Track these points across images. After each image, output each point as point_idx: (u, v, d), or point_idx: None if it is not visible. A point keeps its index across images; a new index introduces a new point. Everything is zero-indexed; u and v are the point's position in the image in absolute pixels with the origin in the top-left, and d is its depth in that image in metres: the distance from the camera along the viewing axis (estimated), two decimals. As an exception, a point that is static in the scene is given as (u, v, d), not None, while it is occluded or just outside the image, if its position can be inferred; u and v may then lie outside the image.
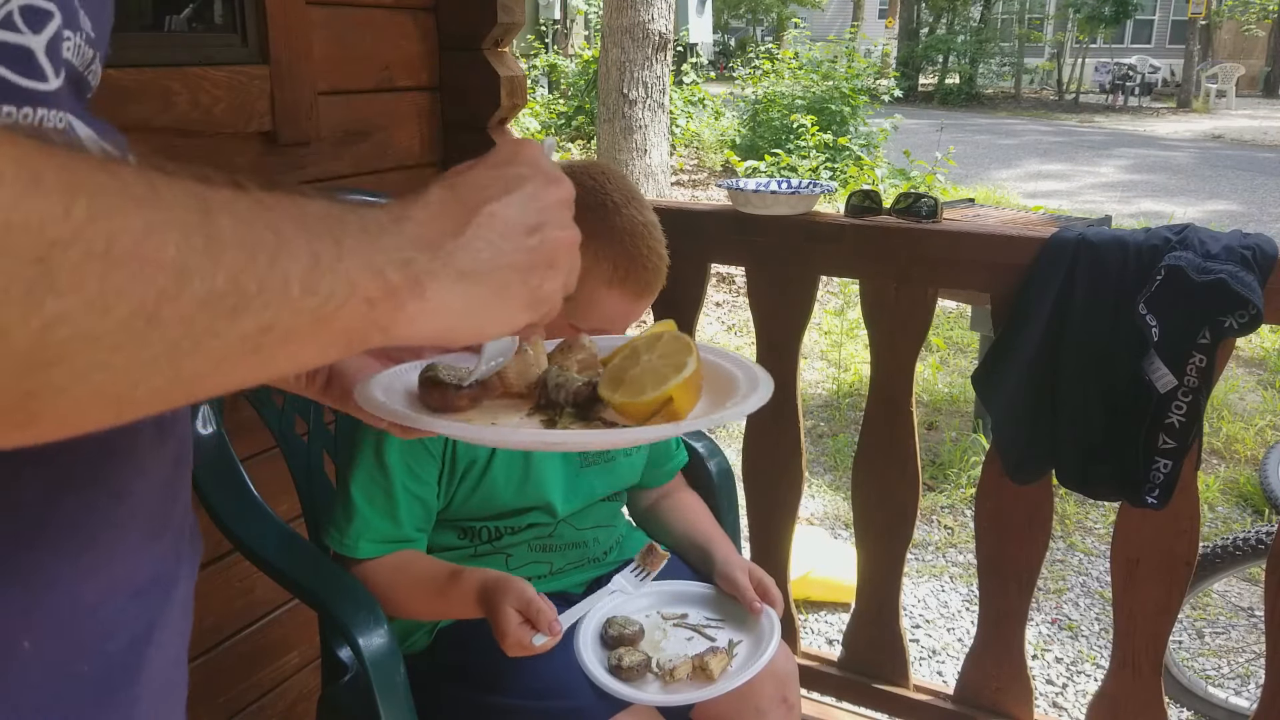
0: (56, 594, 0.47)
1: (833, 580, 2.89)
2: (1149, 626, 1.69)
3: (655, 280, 1.25)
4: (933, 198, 1.71)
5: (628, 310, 1.25)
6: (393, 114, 1.93)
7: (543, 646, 1.12)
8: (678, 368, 0.73)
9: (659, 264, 1.25)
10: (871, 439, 1.86)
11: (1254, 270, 1.41)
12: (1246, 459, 4.10)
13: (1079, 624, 2.92)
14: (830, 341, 5.53)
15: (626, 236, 1.22)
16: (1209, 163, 13.77)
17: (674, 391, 0.72)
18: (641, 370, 0.75)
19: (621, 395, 0.74)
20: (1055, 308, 1.55)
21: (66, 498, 0.47)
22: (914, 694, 1.94)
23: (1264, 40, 28.54)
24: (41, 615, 0.46)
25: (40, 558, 0.46)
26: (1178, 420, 1.51)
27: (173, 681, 0.58)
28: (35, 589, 0.46)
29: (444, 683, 1.31)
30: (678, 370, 0.73)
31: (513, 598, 1.14)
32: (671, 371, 0.73)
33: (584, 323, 1.24)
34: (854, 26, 14.34)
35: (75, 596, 0.48)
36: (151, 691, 0.53)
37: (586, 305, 1.22)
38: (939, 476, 3.85)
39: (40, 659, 0.46)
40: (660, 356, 0.76)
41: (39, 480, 0.45)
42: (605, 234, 1.21)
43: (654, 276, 1.25)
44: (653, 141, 7.24)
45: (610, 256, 1.22)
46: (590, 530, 1.43)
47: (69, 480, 0.47)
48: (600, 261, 1.21)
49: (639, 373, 0.75)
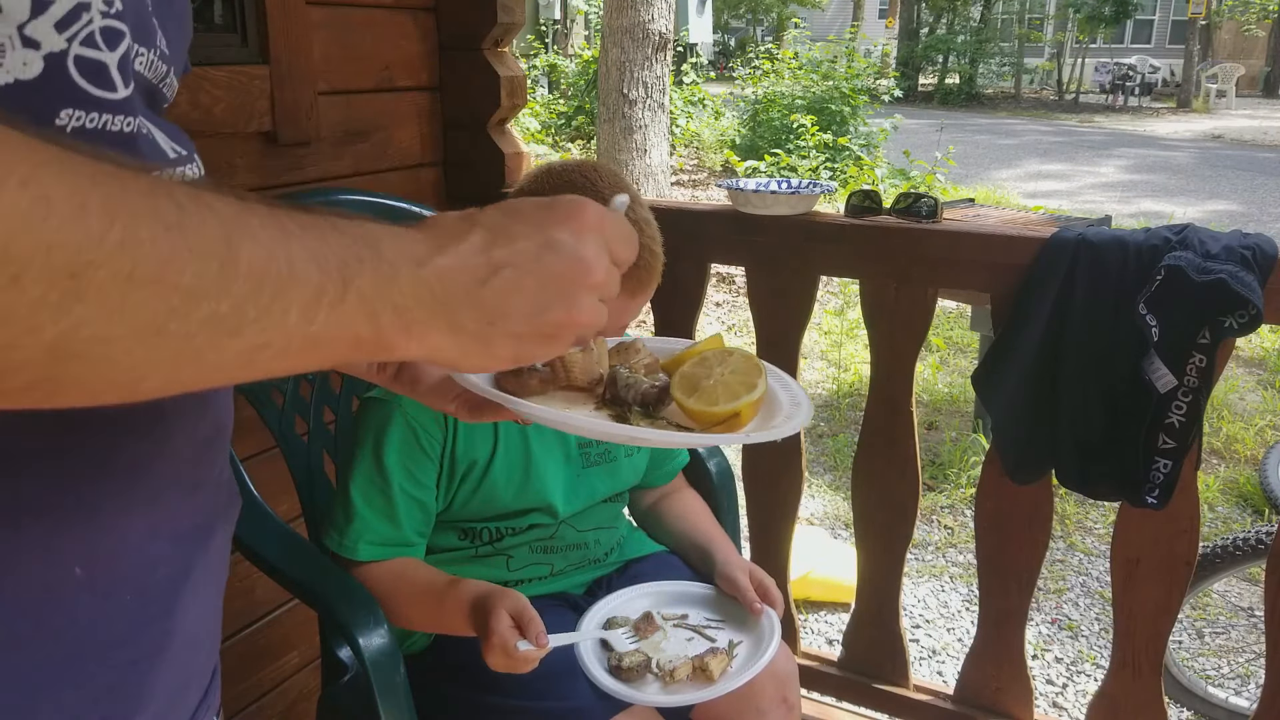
0: (107, 530, 0.54)
1: (833, 580, 2.89)
2: (1149, 626, 1.69)
3: (650, 277, 1.25)
4: (933, 198, 1.71)
5: (625, 307, 1.25)
6: (393, 114, 1.94)
7: (525, 654, 1.11)
8: (749, 387, 0.83)
9: (652, 261, 1.24)
10: (871, 439, 1.86)
11: (1254, 270, 1.41)
12: (1246, 459, 4.10)
13: (1079, 624, 2.92)
14: (830, 341, 5.53)
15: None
16: (1209, 163, 13.77)
17: (744, 408, 0.82)
18: (715, 382, 0.84)
19: (696, 402, 0.83)
20: (1055, 308, 1.55)
21: (125, 444, 0.54)
22: (914, 694, 1.94)
23: (1264, 40, 28.53)
24: (94, 547, 0.53)
25: (98, 496, 0.53)
26: (1178, 420, 1.51)
27: (206, 623, 0.64)
28: (91, 523, 0.53)
29: (444, 683, 1.31)
30: (749, 389, 0.83)
31: (509, 602, 1.14)
32: (744, 390, 0.83)
33: None
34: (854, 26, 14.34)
35: (123, 533, 0.55)
36: (185, 628, 0.60)
37: None
38: (939, 476, 3.85)
39: (90, 585, 0.53)
40: (733, 373, 0.85)
41: (105, 428, 0.52)
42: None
43: (648, 274, 1.24)
44: (653, 141, 7.24)
45: None
46: (591, 532, 1.43)
47: (128, 429, 0.54)
48: None
49: (713, 384, 0.84)
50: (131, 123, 0.54)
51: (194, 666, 0.64)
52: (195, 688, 0.64)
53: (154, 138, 0.57)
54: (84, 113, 0.51)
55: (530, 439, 1.35)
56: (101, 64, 0.51)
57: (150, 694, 0.58)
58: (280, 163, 1.71)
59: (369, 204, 1.64)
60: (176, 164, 0.59)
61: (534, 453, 1.35)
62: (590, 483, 1.41)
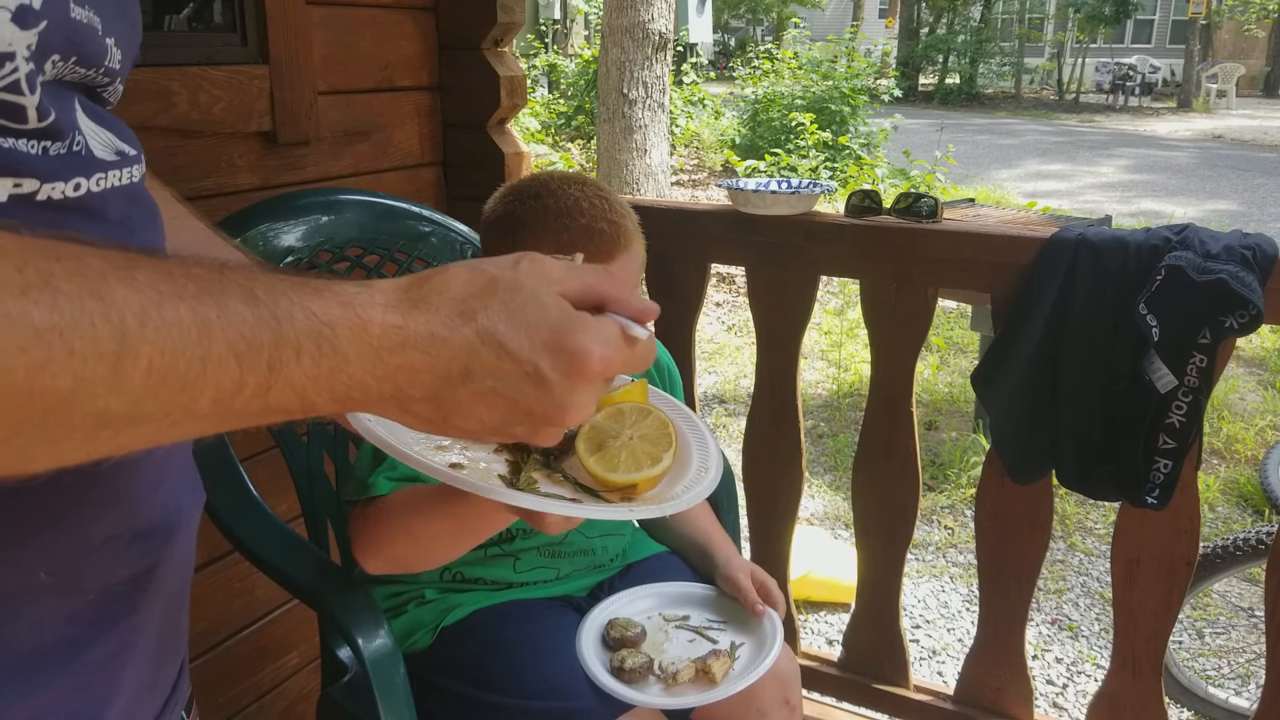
0: (70, 531, 0.53)
1: (833, 580, 2.89)
2: (1149, 626, 1.69)
3: (608, 246, 1.22)
4: (933, 198, 1.71)
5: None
6: (393, 114, 1.93)
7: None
8: (654, 459, 0.80)
9: (607, 229, 1.22)
10: (871, 439, 1.86)
11: (1254, 270, 1.41)
12: (1246, 459, 4.10)
13: (1079, 624, 2.92)
14: (830, 341, 5.53)
15: (564, 214, 1.22)
16: (1209, 163, 13.77)
17: (640, 482, 0.79)
18: (621, 445, 0.80)
19: (596, 463, 0.79)
20: (1055, 308, 1.55)
21: None
22: (914, 694, 1.94)
23: (1264, 40, 28.54)
24: (58, 550, 0.52)
25: (62, 502, 0.52)
26: (1178, 420, 1.51)
27: (173, 617, 0.64)
28: (56, 528, 0.52)
29: (444, 683, 1.31)
30: (653, 462, 0.80)
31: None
32: (647, 462, 0.80)
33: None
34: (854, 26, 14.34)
35: (87, 536, 0.54)
36: (152, 625, 0.60)
37: None
38: (939, 476, 3.85)
39: (55, 587, 0.52)
40: (642, 439, 0.81)
41: None
42: (543, 219, 1.23)
43: (602, 243, 1.22)
44: (653, 141, 7.23)
45: (551, 239, 1.21)
46: (599, 539, 1.43)
47: None
48: (543, 246, 1.20)
49: (618, 447, 0.80)
50: (56, 146, 0.51)
51: (162, 661, 0.64)
52: (164, 683, 0.65)
53: (89, 146, 0.54)
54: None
55: None
56: (19, 106, 0.48)
57: (119, 690, 0.58)
58: (280, 162, 1.71)
59: (369, 204, 1.64)
60: (118, 166, 0.56)
61: None
62: None
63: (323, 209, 1.56)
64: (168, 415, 0.43)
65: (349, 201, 1.62)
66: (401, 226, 1.64)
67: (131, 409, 0.42)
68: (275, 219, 1.49)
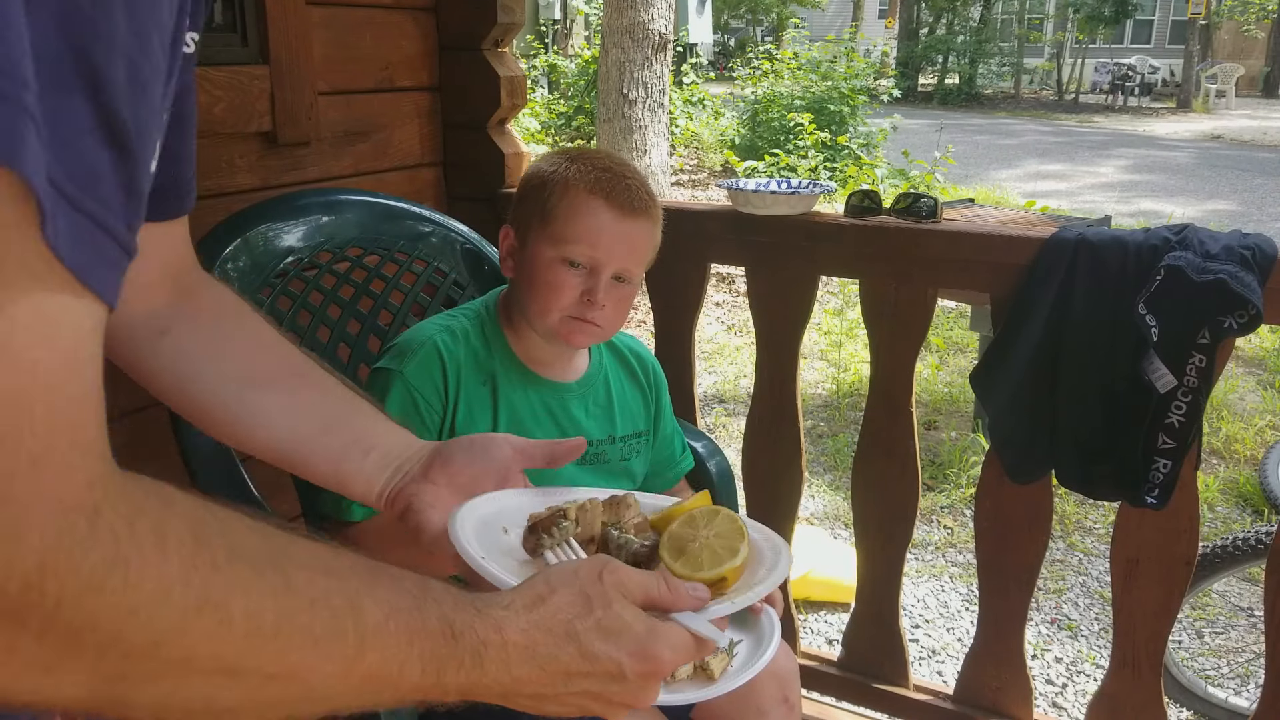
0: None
1: (833, 580, 2.89)
2: (1149, 626, 1.70)
3: (636, 202, 1.30)
4: (933, 198, 1.71)
5: (611, 226, 1.29)
6: (393, 114, 1.94)
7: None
8: (732, 552, 0.90)
9: (641, 190, 1.31)
10: (871, 439, 1.86)
11: (1254, 270, 1.41)
12: (1246, 459, 4.10)
13: (1079, 624, 2.92)
14: (830, 341, 5.53)
15: (608, 168, 1.31)
16: (1208, 163, 13.77)
17: (728, 573, 0.89)
18: (701, 546, 0.91)
19: (682, 566, 0.89)
20: (1055, 308, 1.55)
21: None
22: (914, 694, 1.94)
23: (1263, 40, 28.54)
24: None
25: None
26: (1177, 420, 1.51)
27: None
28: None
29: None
30: (732, 554, 0.90)
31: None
32: (728, 555, 0.89)
33: (572, 242, 1.28)
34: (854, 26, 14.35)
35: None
36: None
37: (570, 215, 1.29)
38: (939, 476, 3.85)
39: None
40: (718, 536, 0.92)
41: None
42: (591, 162, 1.32)
43: (634, 196, 1.30)
44: (652, 141, 7.24)
45: (592, 174, 1.30)
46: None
47: None
48: (583, 177, 1.29)
49: (698, 548, 0.90)
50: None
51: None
52: None
53: None
54: None
55: (531, 424, 1.36)
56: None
57: None
58: (280, 163, 1.71)
59: (369, 204, 1.64)
60: None
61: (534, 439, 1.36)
62: (584, 481, 1.41)
63: (323, 209, 1.56)
64: (352, 704, 0.54)
65: (349, 202, 1.62)
66: (401, 227, 1.64)
67: (335, 702, 0.53)
68: (275, 219, 1.49)
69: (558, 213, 1.29)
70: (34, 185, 0.38)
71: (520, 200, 1.36)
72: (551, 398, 1.39)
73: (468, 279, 1.70)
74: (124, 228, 0.44)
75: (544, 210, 1.30)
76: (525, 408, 1.36)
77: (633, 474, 1.48)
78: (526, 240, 1.33)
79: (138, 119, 0.44)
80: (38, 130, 0.38)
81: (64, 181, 0.40)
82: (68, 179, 0.40)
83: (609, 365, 1.47)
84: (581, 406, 1.42)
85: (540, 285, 1.31)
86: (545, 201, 1.30)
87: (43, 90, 0.38)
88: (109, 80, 0.42)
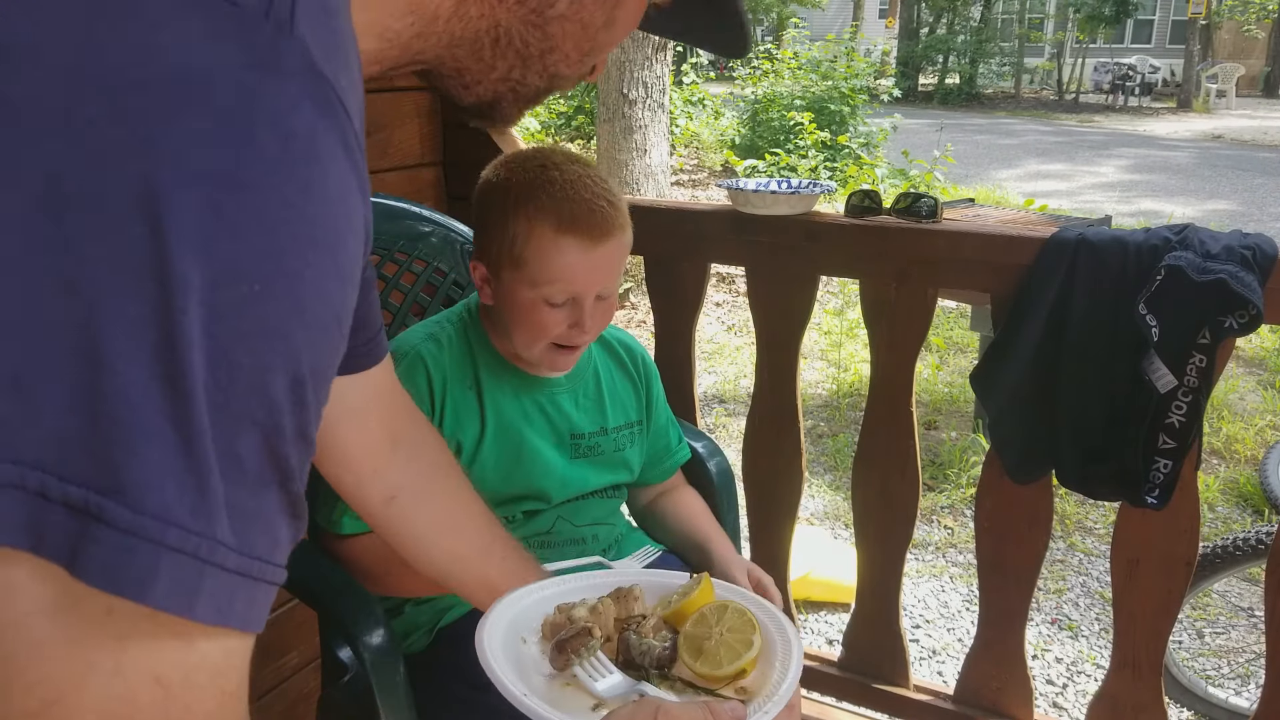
0: None
1: (833, 580, 2.89)
2: (1149, 626, 1.69)
3: (605, 224, 1.25)
4: (933, 198, 1.71)
5: (583, 261, 1.24)
6: (393, 114, 1.93)
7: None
8: (747, 644, 0.95)
9: (607, 208, 1.25)
10: (871, 439, 1.86)
11: (1254, 270, 1.41)
12: (1246, 459, 4.10)
13: (1079, 624, 2.92)
14: (830, 341, 5.53)
15: (567, 186, 1.25)
16: (1208, 163, 13.77)
17: (747, 665, 0.94)
18: (717, 643, 0.96)
19: (703, 665, 0.95)
20: (1055, 308, 1.55)
21: None
22: (914, 694, 1.94)
23: (1264, 40, 28.54)
24: None
25: None
26: (1178, 420, 1.51)
27: None
28: None
29: (444, 683, 1.31)
30: (747, 647, 0.95)
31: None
32: (743, 648, 0.95)
33: (547, 284, 1.25)
34: (854, 26, 14.34)
35: None
36: None
37: (542, 259, 1.24)
38: (939, 476, 3.85)
39: None
40: (730, 631, 0.97)
41: None
42: (545, 189, 1.24)
43: (601, 220, 1.24)
44: (653, 141, 7.23)
45: (553, 207, 1.23)
46: (588, 527, 1.44)
47: None
48: (544, 214, 1.23)
49: (714, 645, 0.96)
50: None
51: None
52: None
53: None
54: None
55: (521, 423, 1.36)
56: None
57: None
58: (280, 163, 1.71)
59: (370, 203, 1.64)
60: None
61: (526, 437, 1.36)
62: (581, 474, 1.41)
63: (323, 209, 1.56)
64: None
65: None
66: (401, 226, 1.64)
67: None
68: (275, 219, 1.49)
69: (527, 256, 1.24)
70: (225, 624, 0.41)
71: (482, 233, 1.31)
72: (541, 394, 1.39)
73: (467, 279, 1.70)
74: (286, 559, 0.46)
75: (513, 254, 1.25)
76: (514, 408, 1.37)
77: (629, 465, 1.48)
78: (500, 277, 1.29)
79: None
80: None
81: (250, 567, 0.42)
82: (252, 564, 0.42)
83: (598, 357, 1.47)
84: (571, 400, 1.42)
85: (525, 324, 1.29)
86: (512, 245, 1.25)
87: (249, 501, 0.42)
88: (295, 469, 0.44)
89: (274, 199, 0.40)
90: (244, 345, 0.40)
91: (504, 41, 0.63)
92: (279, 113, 0.41)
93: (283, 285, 0.41)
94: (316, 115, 0.42)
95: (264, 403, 0.41)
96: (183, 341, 0.38)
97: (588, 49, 0.66)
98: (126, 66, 0.38)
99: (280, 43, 0.42)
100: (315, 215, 0.42)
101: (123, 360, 0.37)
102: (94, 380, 0.36)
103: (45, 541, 0.37)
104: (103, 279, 0.37)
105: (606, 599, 1.01)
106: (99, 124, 0.37)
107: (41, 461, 0.36)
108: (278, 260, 0.40)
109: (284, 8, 0.42)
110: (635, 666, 0.95)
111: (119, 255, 0.37)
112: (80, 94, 0.37)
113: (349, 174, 0.45)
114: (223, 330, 0.39)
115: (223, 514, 0.40)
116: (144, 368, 0.37)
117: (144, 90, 0.38)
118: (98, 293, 0.36)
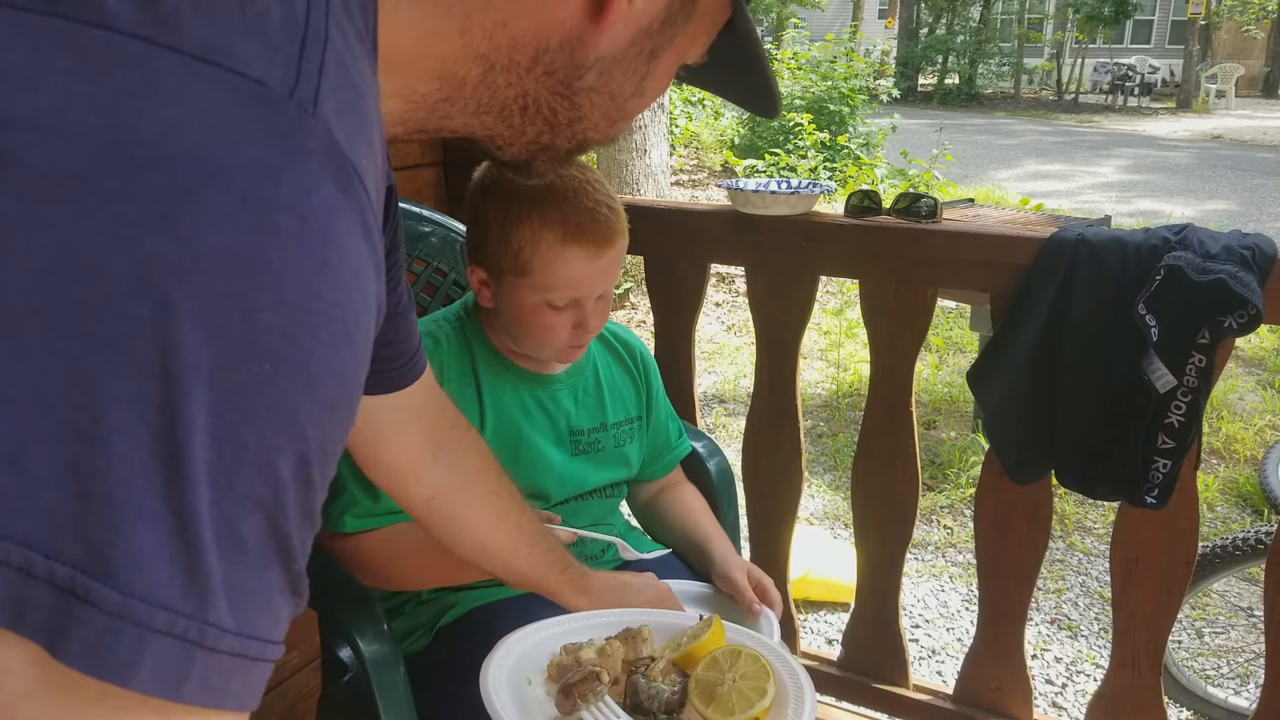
0: None
1: (832, 580, 2.89)
2: (1148, 626, 1.70)
3: (608, 232, 1.25)
4: (932, 198, 1.71)
5: (588, 268, 1.25)
6: (392, 114, 1.93)
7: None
8: (760, 693, 0.93)
9: (609, 215, 1.26)
10: (871, 439, 1.86)
11: (1253, 270, 1.41)
12: (1246, 459, 4.10)
13: (1079, 624, 2.92)
14: (830, 341, 5.53)
15: (570, 194, 1.24)
16: (1208, 163, 13.77)
17: (760, 714, 0.92)
18: (729, 690, 0.94)
19: (714, 711, 0.93)
20: (1054, 308, 1.55)
21: None
22: (914, 694, 1.94)
23: (1263, 40, 28.54)
24: None
25: None
26: (1177, 420, 1.51)
27: None
28: None
29: (444, 683, 1.31)
30: (761, 695, 0.93)
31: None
32: (756, 696, 0.93)
33: (552, 291, 1.25)
34: (853, 26, 14.34)
35: None
36: None
37: (548, 269, 1.24)
38: (939, 476, 3.85)
39: None
40: (744, 678, 0.95)
41: None
42: (548, 196, 1.24)
43: (605, 228, 1.25)
44: (652, 141, 7.23)
45: (559, 217, 1.23)
46: (587, 527, 1.44)
47: None
48: (550, 224, 1.23)
49: (726, 691, 0.94)
50: None
51: None
52: None
53: None
54: None
55: (520, 420, 1.36)
56: None
57: None
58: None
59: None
60: None
61: (525, 433, 1.36)
62: (580, 470, 1.41)
63: (323, 209, 1.56)
64: None
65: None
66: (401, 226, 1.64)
67: None
68: (275, 219, 1.49)
69: (533, 266, 1.25)
70: (218, 706, 0.41)
71: (480, 236, 1.30)
72: (540, 390, 1.39)
73: (468, 279, 1.70)
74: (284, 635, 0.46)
75: (516, 262, 1.25)
76: (514, 403, 1.37)
77: (629, 461, 1.48)
78: (501, 281, 1.29)
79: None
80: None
81: (248, 648, 0.42)
82: (250, 644, 0.42)
83: (596, 353, 1.48)
84: (570, 396, 1.42)
85: (529, 327, 1.30)
86: (517, 254, 1.25)
87: (246, 581, 0.41)
88: (298, 549, 0.44)
89: (290, 278, 0.40)
90: (251, 426, 0.39)
91: (532, 110, 0.63)
92: (299, 192, 0.40)
93: (294, 365, 0.40)
94: (336, 195, 0.42)
95: (269, 483, 0.40)
96: (185, 422, 0.37)
97: (616, 117, 0.66)
98: (149, 142, 0.37)
99: (304, 122, 0.42)
100: (331, 295, 0.42)
101: (121, 439, 0.36)
102: (90, 458, 0.36)
103: (25, 620, 0.36)
104: (106, 355, 0.36)
105: (615, 640, 1.00)
106: (116, 198, 0.36)
107: (29, 538, 0.35)
108: (291, 340, 0.40)
109: (309, 87, 0.42)
110: (643, 710, 0.94)
111: (124, 332, 0.36)
112: (101, 167, 0.37)
113: (365, 254, 0.45)
114: (230, 411, 0.38)
115: (219, 595, 0.39)
116: (143, 447, 0.36)
117: (164, 166, 0.37)
118: (99, 369, 0.36)
